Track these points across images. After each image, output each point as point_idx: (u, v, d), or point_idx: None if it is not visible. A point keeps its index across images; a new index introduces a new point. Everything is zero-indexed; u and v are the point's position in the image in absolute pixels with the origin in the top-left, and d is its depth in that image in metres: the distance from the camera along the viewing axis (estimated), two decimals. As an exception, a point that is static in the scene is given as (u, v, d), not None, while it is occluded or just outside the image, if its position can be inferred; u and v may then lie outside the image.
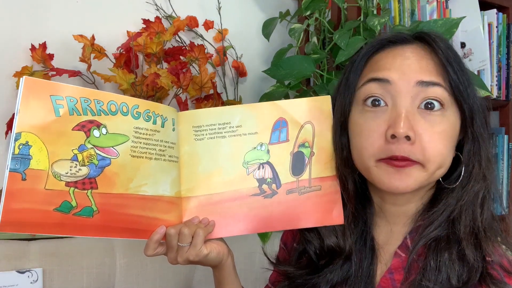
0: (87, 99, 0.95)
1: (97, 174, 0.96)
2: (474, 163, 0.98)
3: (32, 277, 1.49)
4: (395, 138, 0.93)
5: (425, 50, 0.99)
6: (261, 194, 1.08)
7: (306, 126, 1.08)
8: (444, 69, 0.96)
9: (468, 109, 0.96)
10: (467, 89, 0.96)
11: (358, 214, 1.07)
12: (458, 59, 0.98)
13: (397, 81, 0.95)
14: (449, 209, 0.98)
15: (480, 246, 0.95)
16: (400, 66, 0.97)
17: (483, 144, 0.98)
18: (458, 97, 0.96)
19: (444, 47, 0.98)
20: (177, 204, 1.06)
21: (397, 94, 0.95)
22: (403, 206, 1.04)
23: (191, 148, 1.07)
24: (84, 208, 0.94)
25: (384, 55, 1.01)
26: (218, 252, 1.08)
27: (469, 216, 0.97)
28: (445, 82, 0.95)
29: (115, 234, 0.99)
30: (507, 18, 2.31)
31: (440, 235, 0.97)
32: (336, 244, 1.06)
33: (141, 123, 1.00)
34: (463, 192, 0.98)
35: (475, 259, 0.93)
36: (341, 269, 1.05)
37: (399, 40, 1.02)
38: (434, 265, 0.95)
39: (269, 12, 2.12)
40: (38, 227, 0.91)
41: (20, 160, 0.89)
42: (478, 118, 0.97)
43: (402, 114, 0.93)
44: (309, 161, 1.09)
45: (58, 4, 1.69)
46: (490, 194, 1.00)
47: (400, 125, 0.92)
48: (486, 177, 0.98)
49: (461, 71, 0.96)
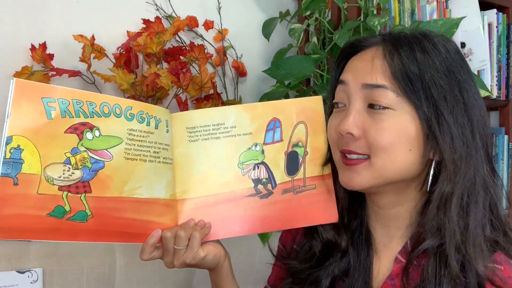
0: (79, 101, 0.93)
1: (90, 178, 0.94)
2: (438, 166, 0.98)
3: (32, 277, 1.49)
4: (342, 135, 0.99)
5: (384, 51, 0.99)
6: (257, 194, 1.09)
7: (299, 126, 1.09)
8: (396, 70, 0.96)
9: (421, 112, 0.95)
10: (419, 94, 0.95)
11: (352, 209, 1.10)
12: (427, 62, 0.96)
13: (350, 83, 1.00)
14: (430, 217, 0.97)
15: (469, 262, 0.93)
16: (356, 68, 1.01)
17: (444, 147, 0.95)
18: (410, 100, 0.95)
19: (407, 50, 0.97)
20: (173, 207, 1.05)
21: (350, 95, 1.00)
22: (389, 209, 1.04)
23: (185, 150, 1.06)
24: (78, 212, 0.93)
25: (352, 61, 1.04)
26: (215, 254, 1.08)
27: (451, 224, 0.95)
28: (393, 84, 0.95)
29: (110, 238, 0.98)
30: (507, 18, 2.31)
31: (435, 249, 0.96)
32: (333, 237, 1.08)
33: (135, 124, 0.99)
34: (437, 196, 0.97)
35: (463, 274, 0.93)
36: (340, 261, 1.06)
37: (368, 43, 1.03)
38: (433, 285, 0.95)
39: (269, 12, 2.12)
40: (31, 233, 0.90)
41: (11, 165, 0.86)
42: (437, 122, 0.95)
43: (349, 113, 0.99)
44: (303, 161, 1.10)
45: (58, 4, 1.69)
46: (472, 200, 0.96)
47: (344, 123, 0.98)
48: (454, 181, 0.95)
49: (419, 75, 0.95)
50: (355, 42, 1.05)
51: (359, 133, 0.97)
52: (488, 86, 2.16)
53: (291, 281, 1.12)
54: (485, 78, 2.14)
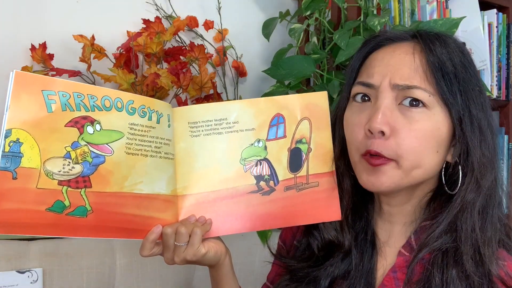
0: (80, 94, 0.92)
1: (91, 172, 0.93)
2: (465, 168, 0.97)
3: (32, 277, 1.49)
4: (371, 133, 0.94)
5: (415, 48, 0.98)
6: (259, 191, 1.08)
7: (303, 122, 1.08)
8: (429, 69, 0.95)
9: (455, 112, 0.95)
10: (454, 93, 0.94)
11: (358, 209, 1.08)
12: (454, 62, 0.96)
13: (378, 84, 0.97)
14: (448, 217, 0.97)
15: (482, 261, 0.93)
16: (386, 67, 0.97)
17: (474, 149, 0.95)
18: (444, 99, 0.94)
19: (439, 47, 0.96)
20: (173, 203, 1.04)
21: (379, 94, 0.96)
22: (398, 207, 1.04)
23: (187, 145, 1.06)
24: (77, 207, 0.92)
25: (377, 55, 1.01)
26: (216, 251, 1.07)
27: (469, 227, 0.95)
28: (427, 83, 0.94)
29: (109, 234, 0.97)
30: (507, 18, 2.31)
31: (445, 247, 0.96)
32: (335, 237, 1.06)
33: (136, 119, 0.98)
34: (457, 199, 0.96)
35: (478, 275, 0.92)
36: (341, 262, 1.05)
37: (395, 38, 1.02)
38: (440, 281, 0.94)
39: (269, 12, 2.12)
40: (30, 228, 0.89)
41: (10, 158, 0.85)
42: (469, 122, 0.95)
43: (379, 109, 0.94)
44: (306, 157, 1.09)
45: (58, 4, 1.69)
46: (491, 203, 0.97)
47: (375, 120, 0.93)
48: (481, 186, 0.96)
49: (452, 74, 0.95)
50: (381, 35, 1.04)
51: (389, 132, 0.94)
52: (488, 86, 2.16)
53: (289, 278, 1.10)
54: (485, 78, 2.14)
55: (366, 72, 1.01)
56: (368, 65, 1.02)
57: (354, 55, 1.07)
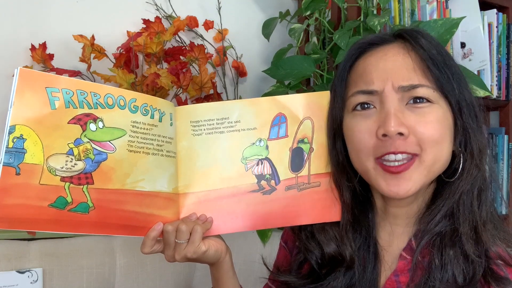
0: (83, 92, 0.93)
1: (93, 169, 0.93)
2: (466, 154, 0.98)
3: (32, 277, 1.49)
4: (387, 137, 0.93)
5: (405, 48, 0.98)
6: (260, 190, 1.07)
7: (305, 121, 1.08)
8: (425, 65, 0.95)
9: (455, 102, 0.96)
10: (452, 83, 0.96)
11: (358, 221, 1.06)
12: (441, 53, 0.98)
13: (382, 89, 0.96)
14: (448, 203, 0.98)
15: (481, 240, 0.95)
16: (383, 71, 0.97)
17: (473, 135, 0.97)
18: (444, 91, 0.96)
19: (426, 43, 0.98)
20: (175, 200, 1.04)
21: (384, 99, 0.96)
22: (406, 207, 1.03)
23: (189, 144, 1.06)
24: (79, 204, 0.92)
25: (367, 61, 1.01)
26: (216, 249, 1.07)
27: (467, 209, 0.97)
28: (427, 79, 0.95)
29: (111, 231, 0.97)
30: (507, 18, 2.31)
31: (443, 231, 0.97)
32: (336, 251, 1.05)
33: (139, 117, 0.98)
34: (459, 185, 0.98)
35: (477, 254, 0.93)
36: (344, 276, 1.03)
37: (380, 41, 1.02)
38: (439, 263, 0.95)
39: (269, 12, 2.13)
40: (32, 224, 0.89)
41: (14, 154, 0.86)
42: (467, 109, 0.97)
43: (391, 113, 0.94)
44: (308, 157, 1.08)
45: (58, 4, 1.70)
46: (486, 185, 0.99)
47: (390, 124, 0.93)
48: (480, 168, 0.98)
49: (444, 65, 0.96)
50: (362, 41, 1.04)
51: (407, 131, 0.93)
52: (488, 86, 2.16)
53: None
54: (485, 78, 2.14)
55: (363, 80, 1.00)
56: (362, 73, 1.01)
57: (340, 67, 1.06)
